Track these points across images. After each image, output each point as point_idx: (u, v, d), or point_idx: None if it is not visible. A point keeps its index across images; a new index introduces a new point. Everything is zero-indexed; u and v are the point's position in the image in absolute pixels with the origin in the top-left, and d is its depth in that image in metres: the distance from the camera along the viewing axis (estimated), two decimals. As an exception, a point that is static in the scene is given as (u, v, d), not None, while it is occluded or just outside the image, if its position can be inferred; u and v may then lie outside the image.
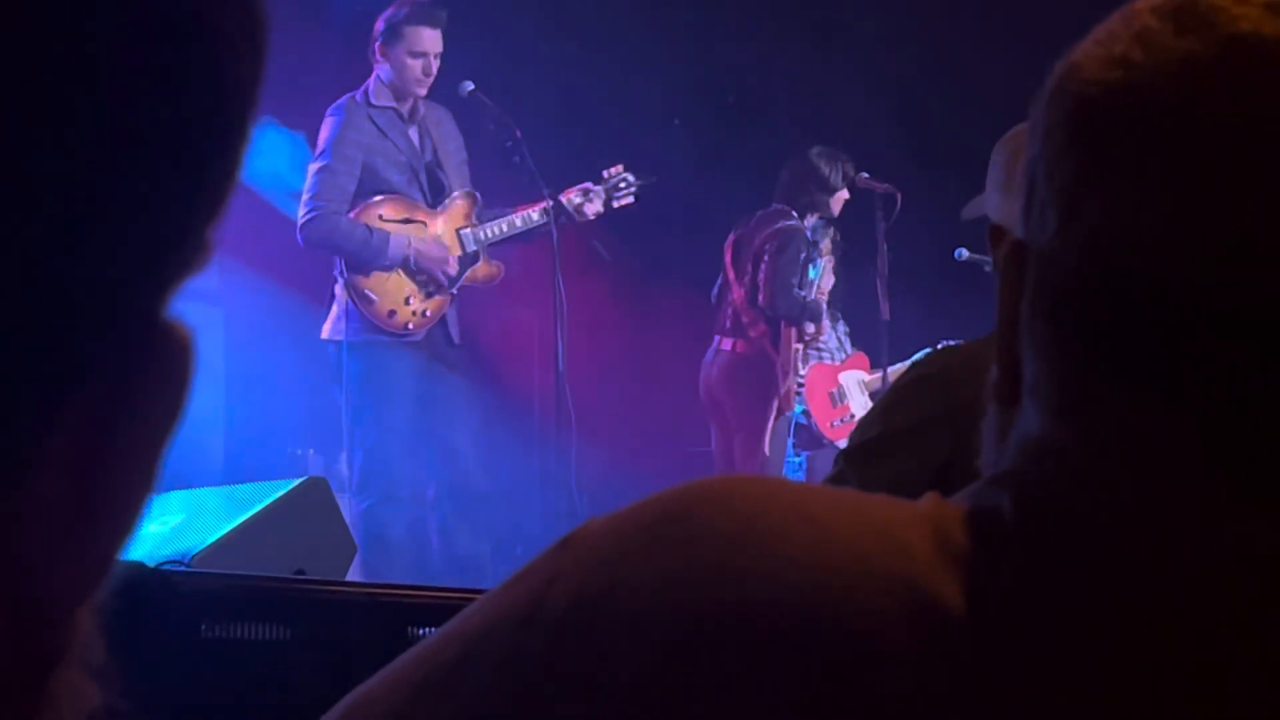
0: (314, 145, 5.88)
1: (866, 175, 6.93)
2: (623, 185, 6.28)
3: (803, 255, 6.94)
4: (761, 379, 6.94)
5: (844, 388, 7.34)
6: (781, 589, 0.76)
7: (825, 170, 6.95)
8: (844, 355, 7.46)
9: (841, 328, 7.50)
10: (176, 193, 0.47)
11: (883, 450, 2.38)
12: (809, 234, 6.97)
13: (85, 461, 0.47)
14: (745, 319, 6.95)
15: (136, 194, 0.46)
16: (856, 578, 0.76)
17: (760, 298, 6.92)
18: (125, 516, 0.48)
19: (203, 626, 2.40)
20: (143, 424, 0.48)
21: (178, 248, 0.48)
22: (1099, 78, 0.80)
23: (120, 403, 0.47)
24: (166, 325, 0.49)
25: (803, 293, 6.91)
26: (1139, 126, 0.78)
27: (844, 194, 6.99)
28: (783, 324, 6.92)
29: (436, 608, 2.42)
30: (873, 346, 7.08)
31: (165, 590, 2.37)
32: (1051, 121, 0.82)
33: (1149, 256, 0.77)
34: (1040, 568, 0.76)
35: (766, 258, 6.91)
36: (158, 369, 0.48)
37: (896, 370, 6.77)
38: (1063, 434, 0.80)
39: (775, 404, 6.96)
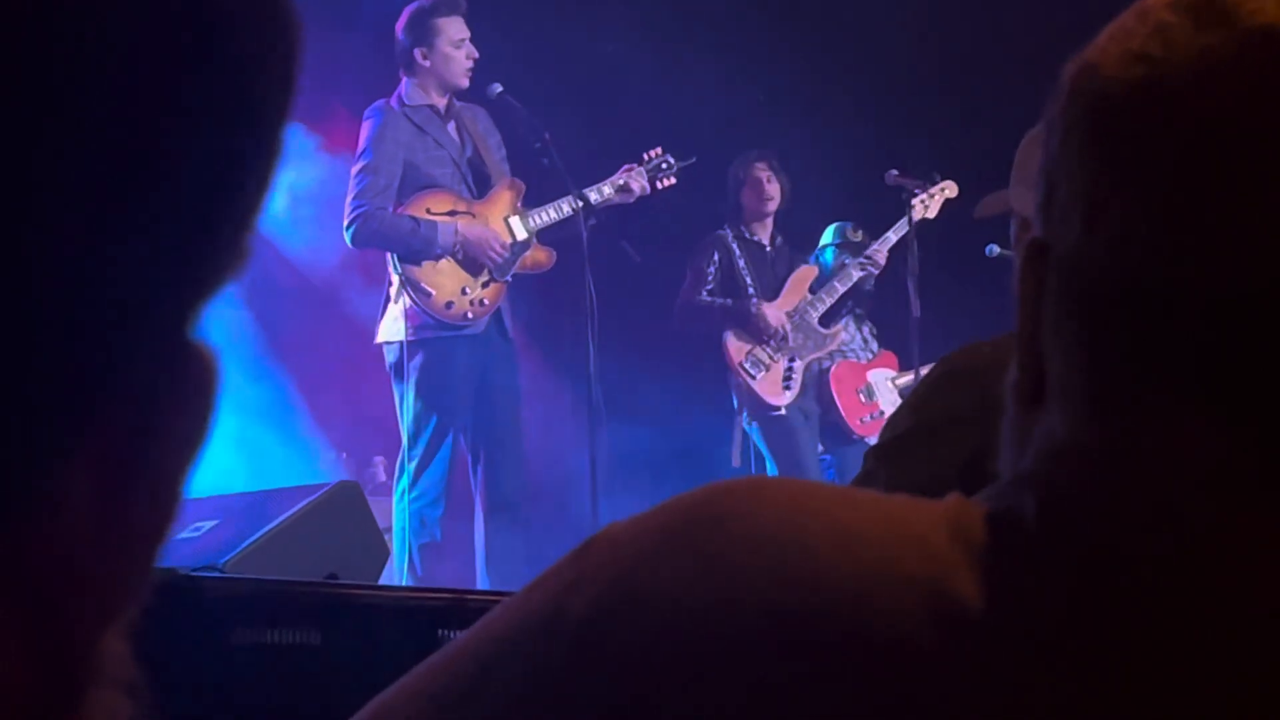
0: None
1: (896, 172, 6.91)
2: (664, 166, 6.32)
3: (714, 258, 6.97)
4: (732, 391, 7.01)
5: (872, 385, 7.33)
6: (805, 592, 0.75)
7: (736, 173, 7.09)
8: (870, 355, 7.45)
9: (867, 327, 7.49)
10: (203, 209, 0.47)
11: (913, 446, 2.35)
12: (743, 239, 7.01)
13: (111, 484, 0.46)
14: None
15: (161, 211, 0.45)
16: (881, 580, 0.75)
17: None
18: (152, 535, 0.49)
19: (233, 632, 2.39)
20: (167, 446, 0.48)
21: (205, 262, 0.48)
22: (1118, 76, 0.79)
23: (145, 424, 0.47)
24: (192, 347, 0.49)
25: (710, 299, 6.93)
26: (1162, 123, 0.77)
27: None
28: (728, 334, 6.94)
29: (467, 610, 2.41)
30: (904, 344, 7.06)
31: (195, 595, 2.37)
32: (1070, 121, 0.81)
33: (1179, 256, 0.75)
34: (1065, 569, 0.75)
35: None
36: (183, 391, 0.49)
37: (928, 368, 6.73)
38: (1090, 435, 0.79)
39: (741, 410, 6.98)
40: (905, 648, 0.73)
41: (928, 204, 7.11)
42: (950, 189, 7.14)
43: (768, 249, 7.12)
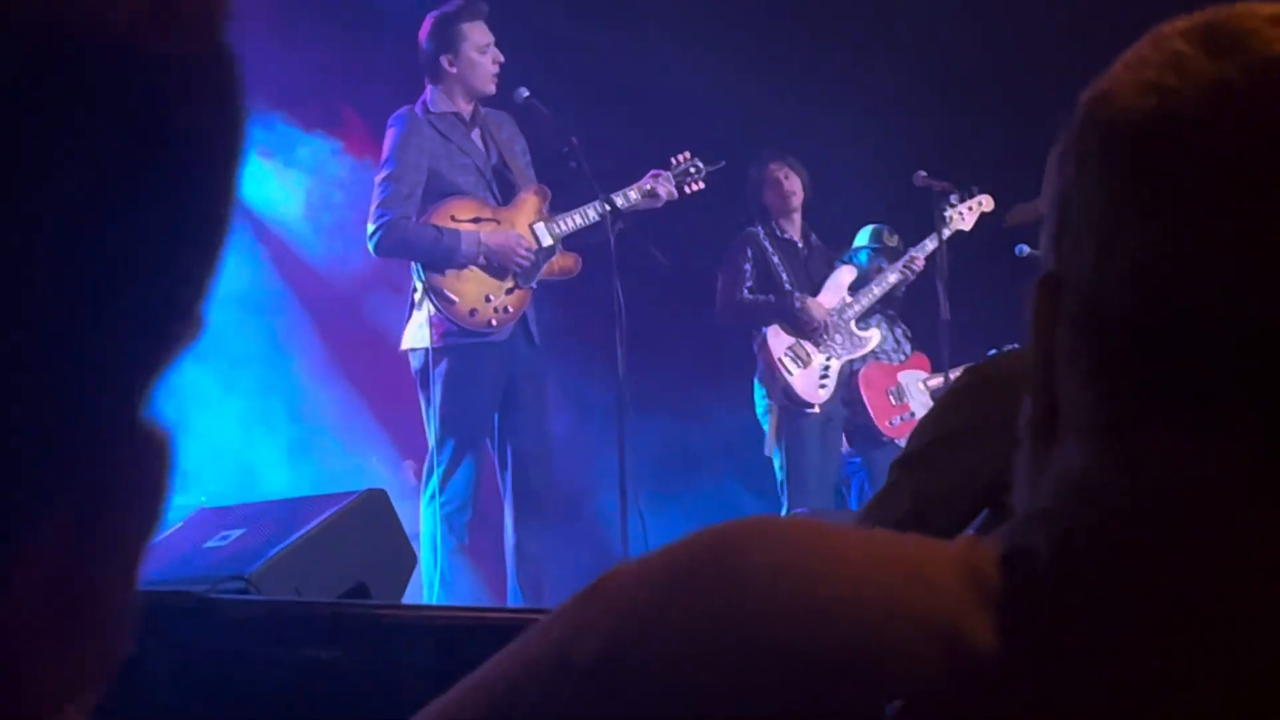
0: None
1: (924, 174, 6.89)
2: (692, 171, 6.29)
3: (749, 255, 6.96)
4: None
5: (903, 386, 7.30)
6: (815, 637, 0.74)
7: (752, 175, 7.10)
8: (902, 356, 7.41)
9: (900, 329, 7.46)
10: (155, 293, 0.46)
11: (936, 457, 2.33)
12: (775, 237, 7.01)
13: (68, 564, 0.46)
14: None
15: (111, 298, 0.45)
16: (891, 623, 0.74)
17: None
18: (108, 618, 0.48)
19: (253, 651, 2.39)
20: (124, 526, 0.48)
21: (157, 343, 0.47)
22: (1132, 105, 0.77)
23: (99, 510, 0.47)
24: (145, 430, 0.48)
25: (753, 296, 6.92)
26: (1176, 154, 0.75)
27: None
28: (770, 329, 6.92)
29: (486, 628, 2.40)
30: (933, 346, 7.04)
31: (215, 617, 2.37)
32: (1083, 150, 0.79)
33: (1195, 288, 0.74)
34: (1081, 613, 0.74)
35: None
36: (136, 476, 0.48)
37: (957, 372, 6.70)
38: (1107, 473, 0.77)
39: (773, 407, 6.95)
40: (918, 693, 0.72)
41: (964, 215, 7.10)
42: (987, 203, 7.13)
43: (800, 246, 7.10)
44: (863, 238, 7.40)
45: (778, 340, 6.92)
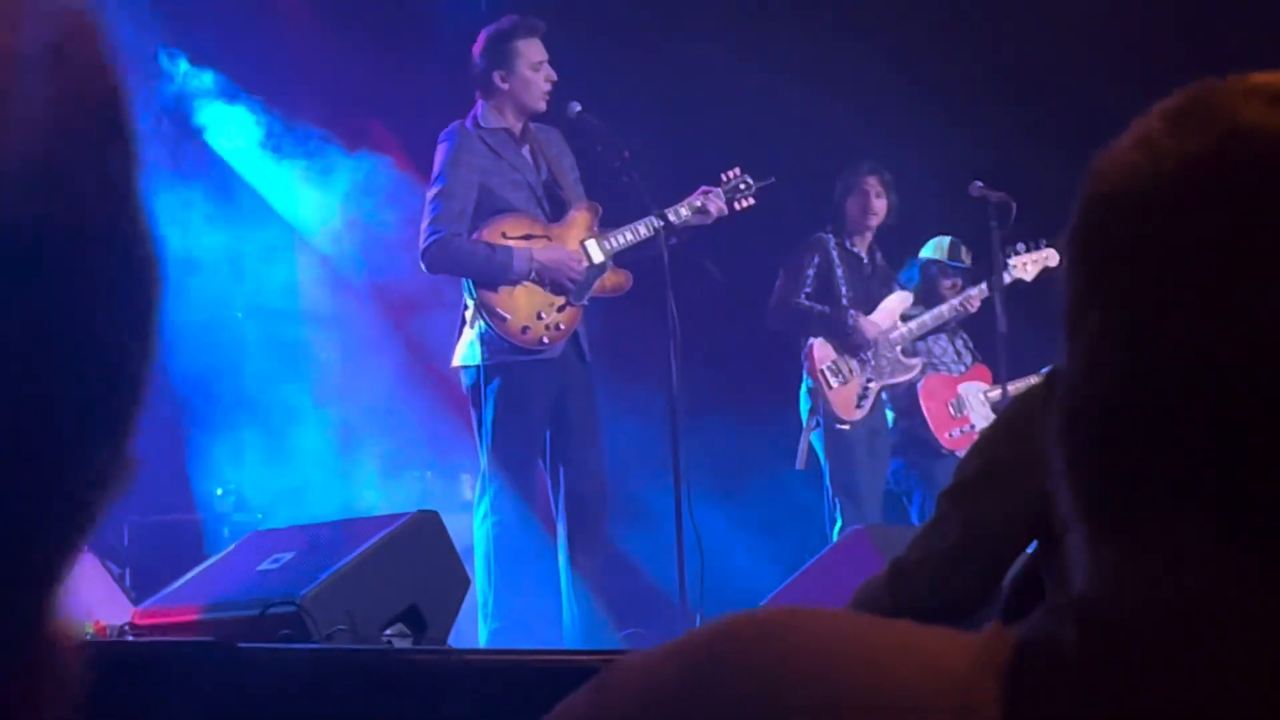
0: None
1: (980, 184, 6.84)
2: (742, 187, 6.26)
3: (814, 261, 6.92)
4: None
5: (963, 399, 7.24)
6: None
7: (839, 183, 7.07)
8: (963, 367, 7.36)
9: (960, 340, 7.40)
10: (64, 480, 0.45)
11: (983, 487, 2.32)
12: (844, 249, 6.97)
13: None
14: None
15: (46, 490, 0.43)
16: (910, 717, 0.72)
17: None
18: None
19: (288, 699, 2.38)
20: None
21: (65, 540, 0.46)
22: (1100, 188, 0.76)
23: (13, 713, 0.46)
24: (53, 635, 0.47)
25: (809, 304, 6.88)
26: (1134, 234, 0.74)
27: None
28: (817, 339, 6.88)
29: (516, 670, 2.39)
30: (991, 359, 6.98)
31: (245, 667, 2.36)
32: (1068, 231, 0.77)
33: (1154, 373, 0.72)
34: (1096, 698, 0.72)
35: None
36: (49, 676, 0.47)
37: (1016, 386, 6.64)
38: (1102, 560, 0.76)
39: (814, 418, 6.89)
40: None
41: (1028, 267, 7.05)
42: (1052, 258, 7.06)
43: (865, 262, 7.07)
44: (937, 251, 7.33)
45: (823, 352, 6.89)
